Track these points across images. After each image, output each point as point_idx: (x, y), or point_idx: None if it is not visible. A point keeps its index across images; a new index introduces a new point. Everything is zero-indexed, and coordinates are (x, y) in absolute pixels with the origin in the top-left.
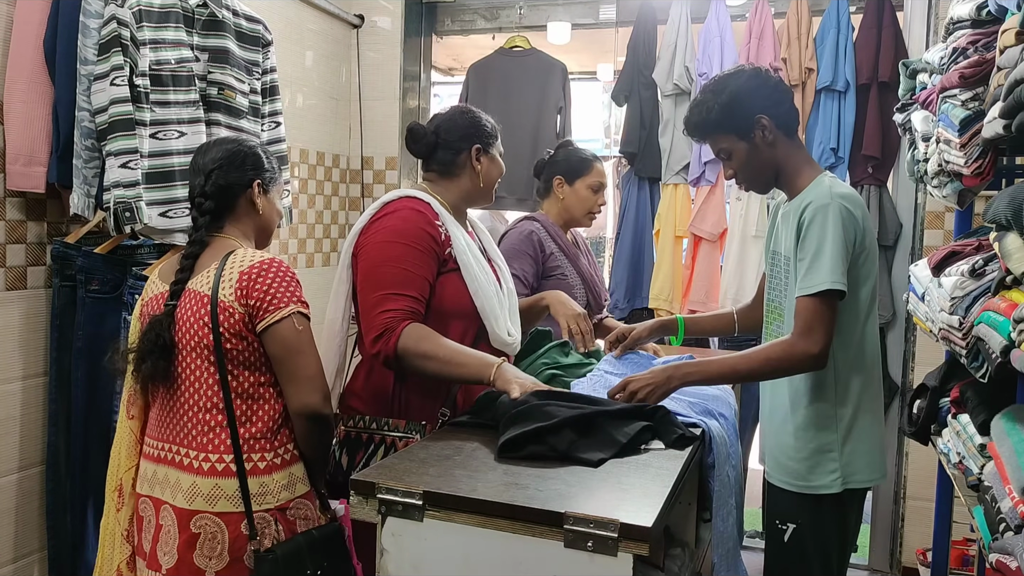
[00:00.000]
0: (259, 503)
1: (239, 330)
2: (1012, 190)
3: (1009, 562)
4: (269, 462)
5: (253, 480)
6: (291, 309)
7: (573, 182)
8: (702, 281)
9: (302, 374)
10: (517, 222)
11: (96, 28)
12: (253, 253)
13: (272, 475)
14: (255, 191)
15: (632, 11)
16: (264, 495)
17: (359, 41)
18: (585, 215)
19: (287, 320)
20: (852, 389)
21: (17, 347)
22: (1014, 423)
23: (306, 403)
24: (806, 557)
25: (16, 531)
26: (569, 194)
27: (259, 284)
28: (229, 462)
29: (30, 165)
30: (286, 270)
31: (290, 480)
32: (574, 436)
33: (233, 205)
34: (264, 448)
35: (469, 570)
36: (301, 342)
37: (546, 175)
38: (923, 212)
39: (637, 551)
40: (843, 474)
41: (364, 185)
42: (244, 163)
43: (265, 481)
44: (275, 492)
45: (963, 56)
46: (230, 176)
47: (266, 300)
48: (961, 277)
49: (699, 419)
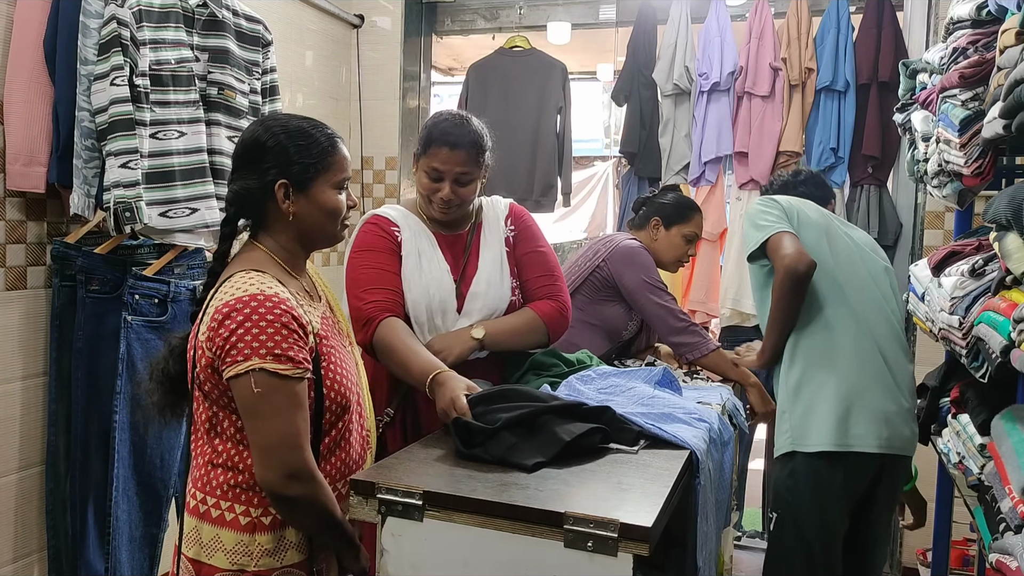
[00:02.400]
0: (233, 562)
1: (210, 374)
2: (1012, 190)
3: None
4: (254, 519)
5: (231, 534)
6: (250, 365)
7: (670, 227)
8: (702, 281)
9: (256, 443)
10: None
11: (96, 28)
12: (244, 283)
13: (255, 536)
14: (279, 195)
15: (632, 11)
16: (240, 555)
17: (359, 41)
18: (673, 261)
19: (244, 378)
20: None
21: (17, 347)
22: (1014, 423)
23: (260, 478)
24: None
25: (16, 531)
26: (663, 238)
27: (224, 327)
28: (211, 506)
29: (30, 165)
30: (267, 314)
31: (279, 545)
32: (513, 439)
33: (259, 212)
34: (249, 502)
35: (469, 570)
36: (259, 406)
37: (646, 212)
38: (923, 212)
39: (637, 551)
40: (793, 436)
41: (364, 185)
42: (262, 161)
43: (246, 540)
44: (256, 555)
45: (963, 56)
46: (248, 180)
47: (226, 348)
48: (961, 277)
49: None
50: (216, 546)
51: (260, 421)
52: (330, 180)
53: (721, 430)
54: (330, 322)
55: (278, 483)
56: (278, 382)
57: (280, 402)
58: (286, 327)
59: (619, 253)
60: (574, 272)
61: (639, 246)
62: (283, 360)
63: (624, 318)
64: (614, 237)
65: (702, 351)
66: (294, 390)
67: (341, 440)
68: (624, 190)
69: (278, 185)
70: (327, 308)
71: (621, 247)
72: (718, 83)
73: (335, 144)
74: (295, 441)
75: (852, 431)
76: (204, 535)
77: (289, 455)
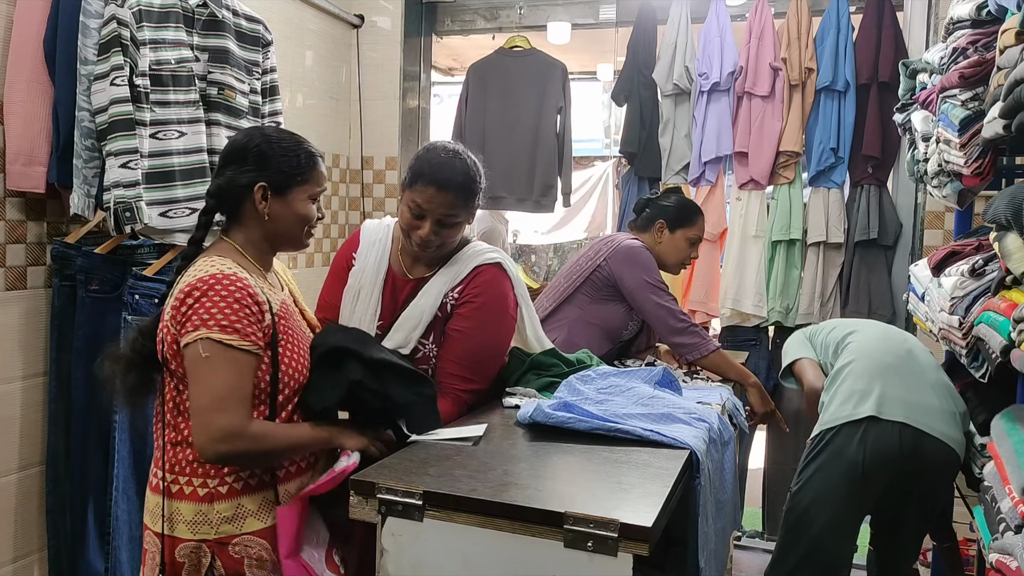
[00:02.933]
0: (195, 532)
1: (175, 351)
2: (1012, 190)
3: (1009, 562)
4: (212, 489)
5: (189, 505)
6: (199, 334)
7: (675, 230)
8: (702, 281)
9: (192, 406)
10: (628, 239)
11: (96, 28)
12: (209, 266)
13: (213, 504)
14: (257, 195)
15: (632, 11)
16: (200, 524)
17: (359, 41)
18: (676, 264)
19: (194, 345)
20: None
21: (17, 347)
22: (1014, 423)
23: (195, 442)
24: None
25: (16, 531)
26: (667, 240)
27: (187, 303)
28: (170, 482)
29: (30, 165)
30: (222, 290)
31: (236, 513)
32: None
33: (236, 208)
34: (206, 474)
35: (469, 570)
36: (199, 371)
37: (650, 214)
38: (923, 212)
39: (637, 551)
40: (820, 422)
41: (364, 185)
42: (245, 161)
43: (204, 510)
44: (215, 523)
45: (963, 56)
46: (232, 176)
47: (183, 321)
48: (961, 277)
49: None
50: (177, 518)
51: (196, 386)
52: (307, 191)
53: (721, 430)
54: (289, 309)
55: (206, 446)
56: (221, 350)
57: (218, 368)
58: (239, 302)
59: (620, 253)
60: (575, 271)
61: (641, 246)
62: (230, 331)
63: (624, 318)
64: (615, 237)
65: (702, 352)
66: (236, 358)
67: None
68: (624, 190)
69: (258, 186)
70: (290, 298)
71: (623, 247)
72: (718, 83)
73: (316, 160)
74: (222, 404)
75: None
76: (165, 510)
77: (216, 417)
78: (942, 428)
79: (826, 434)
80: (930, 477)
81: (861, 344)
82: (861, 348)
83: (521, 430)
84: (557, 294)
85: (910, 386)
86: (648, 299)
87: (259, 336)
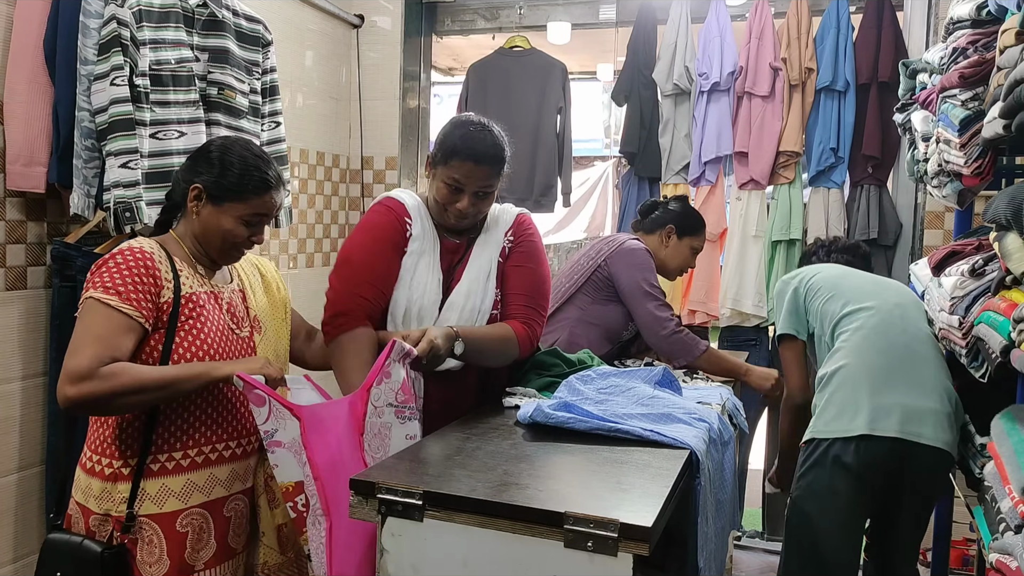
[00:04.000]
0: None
1: None
2: (1012, 190)
3: (1009, 562)
4: (115, 470)
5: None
6: (88, 294)
7: (683, 237)
8: (702, 281)
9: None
10: (630, 239)
11: (96, 28)
12: (128, 244)
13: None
14: (191, 195)
15: (632, 11)
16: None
17: (359, 41)
18: (677, 270)
19: (81, 305)
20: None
21: (17, 347)
22: (1014, 423)
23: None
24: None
25: (16, 531)
26: (674, 246)
27: (91, 271)
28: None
29: (30, 165)
30: (120, 259)
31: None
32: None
33: (183, 201)
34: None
35: (469, 570)
36: (76, 326)
37: (660, 217)
38: (923, 212)
39: (637, 551)
40: (813, 425)
41: (364, 185)
42: (199, 161)
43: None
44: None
45: (963, 56)
46: (186, 171)
47: (87, 286)
48: (961, 277)
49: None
50: (89, 493)
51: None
52: (240, 211)
53: (721, 430)
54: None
55: (58, 391)
56: (97, 306)
57: (87, 320)
58: (131, 270)
59: (621, 253)
60: (576, 271)
61: (642, 248)
62: (111, 292)
63: (625, 319)
64: (617, 237)
65: (690, 357)
66: (107, 314)
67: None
68: (624, 190)
69: (194, 186)
70: (235, 292)
71: (624, 247)
72: (718, 83)
73: (264, 188)
74: (74, 348)
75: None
76: (81, 482)
77: (68, 361)
78: (934, 433)
79: (820, 443)
80: (924, 481)
81: (857, 342)
82: (857, 347)
83: (521, 430)
84: (558, 295)
85: (904, 391)
86: (640, 303)
87: (146, 306)
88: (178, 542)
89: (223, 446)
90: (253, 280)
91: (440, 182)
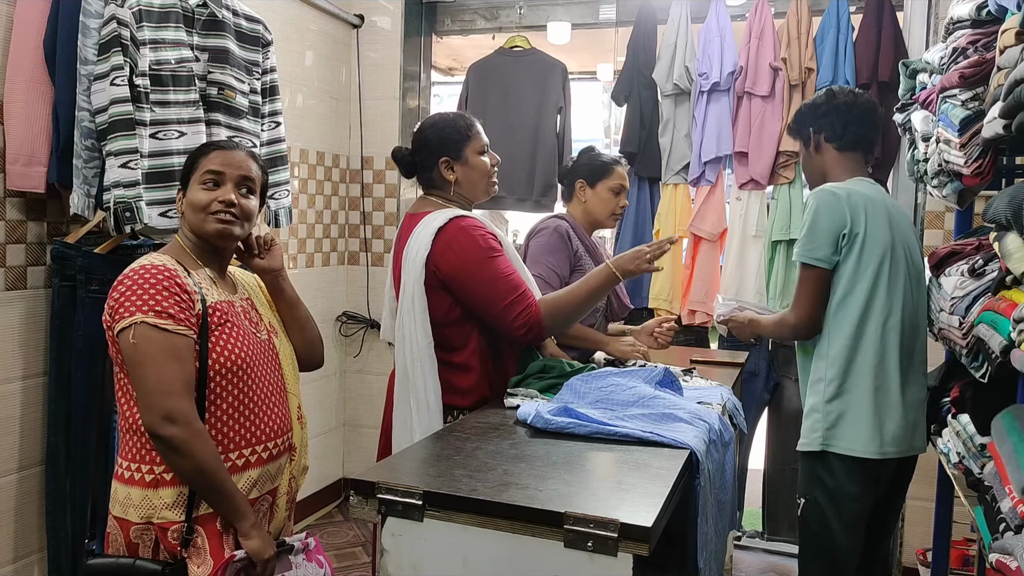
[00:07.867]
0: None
1: (112, 338)
2: (1012, 190)
3: (1009, 562)
4: (157, 476)
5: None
6: (134, 319)
7: (595, 185)
8: (702, 281)
9: (139, 389)
10: (545, 220)
11: (96, 28)
12: (145, 258)
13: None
14: (178, 195)
15: (632, 11)
16: (147, 508)
17: (359, 41)
18: (608, 216)
19: (125, 332)
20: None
21: (17, 347)
22: (1014, 423)
23: (144, 420)
24: (808, 523)
25: (16, 531)
26: (591, 197)
27: (116, 291)
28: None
29: (30, 165)
30: (147, 278)
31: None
32: None
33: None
34: (152, 460)
35: (469, 570)
36: (136, 355)
37: (569, 179)
38: (923, 212)
39: (637, 551)
40: (823, 436)
41: (364, 185)
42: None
43: (149, 495)
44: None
45: (963, 56)
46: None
47: (115, 308)
48: (961, 277)
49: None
50: (128, 503)
51: (139, 368)
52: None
53: (721, 430)
54: (235, 307)
55: (156, 423)
56: (157, 334)
57: (156, 352)
58: (167, 289)
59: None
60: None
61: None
62: (164, 316)
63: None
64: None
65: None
66: (172, 343)
67: (241, 407)
68: None
69: (179, 190)
70: (245, 301)
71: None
72: (718, 83)
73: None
74: (170, 388)
75: (886, 439)
76: (120, 494)
77: (165, 400)
78: (921, 444)
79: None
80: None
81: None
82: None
83: (521, 430)
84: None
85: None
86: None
87: (192, 322)
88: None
89: (261, 447)
90: (254, 290)
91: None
